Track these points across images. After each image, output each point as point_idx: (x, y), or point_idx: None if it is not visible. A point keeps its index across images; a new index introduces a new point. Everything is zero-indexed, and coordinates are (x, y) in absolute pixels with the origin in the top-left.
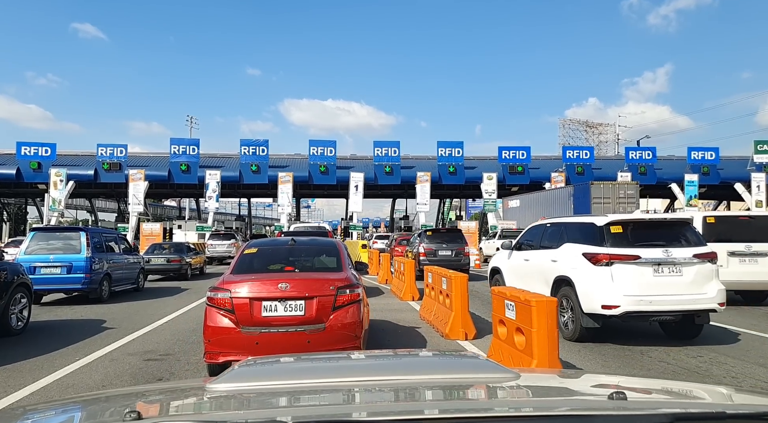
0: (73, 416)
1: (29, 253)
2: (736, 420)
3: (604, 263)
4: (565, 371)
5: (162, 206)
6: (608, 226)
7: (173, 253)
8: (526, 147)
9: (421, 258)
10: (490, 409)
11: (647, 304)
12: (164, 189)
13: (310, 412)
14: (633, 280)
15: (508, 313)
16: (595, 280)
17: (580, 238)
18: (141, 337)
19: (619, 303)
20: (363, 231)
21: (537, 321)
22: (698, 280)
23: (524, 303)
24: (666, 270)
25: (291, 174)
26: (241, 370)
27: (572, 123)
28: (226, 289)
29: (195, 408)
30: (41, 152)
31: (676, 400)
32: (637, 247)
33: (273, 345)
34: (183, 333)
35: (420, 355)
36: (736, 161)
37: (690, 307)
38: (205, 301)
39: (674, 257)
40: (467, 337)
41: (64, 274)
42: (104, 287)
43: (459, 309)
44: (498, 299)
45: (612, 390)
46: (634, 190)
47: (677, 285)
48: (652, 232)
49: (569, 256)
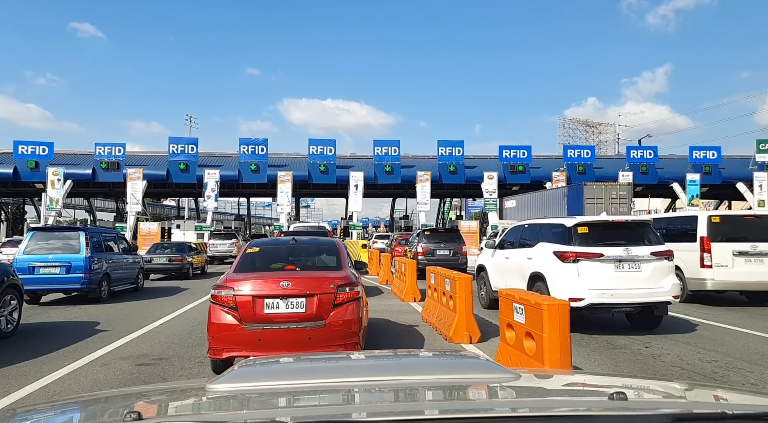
0: (72, 416)
1: (28, 253)
2: (737, 420)
3: (571, 260)
4: (564, 372)
5: (162, 206)
6: (576, 228)
7: (175, 253)
8: (527, 146)
9: (419, 258)
10: (490, 410)
11: (609, 297)
12: (163, 188)
13: (310, 413)
14: (596, 275)
15: (516, 317)
16: (564, 276)
17: (552, 238)
18: (135, 340)
19: (584, 296)
20: (363, 231)
21: (548, 325)
22: (655, 276)
23: (534, 306)
24: (626, 266)
25: (290, 173)
26: (242, 371)
27: (572, 123)
28: (230, 287)
29: (195, 408)
30: (39, 151)
31: (676, 400)
32: (601, 246)
33: (275, 341)
34: (178, 336)
35: (420, 355)
36: (738, 160)
37: (647, 300)
38: (204, 300)
39: (634, 255)
40: (472, 340)
41: (63, 274)
42: (103, 287)
43: (463, 311)
44: (506, 302)
45: (612, 390)
46: (627, 191)
47: (636, 280)
48: (615, 233)
49: (542, 254)
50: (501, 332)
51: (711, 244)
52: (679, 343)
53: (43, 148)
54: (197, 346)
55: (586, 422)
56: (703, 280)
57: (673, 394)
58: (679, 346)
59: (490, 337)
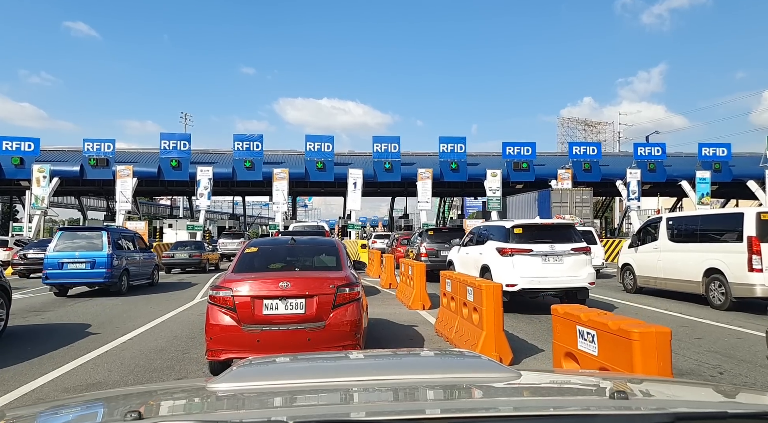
0: (72, 416)
1: (57, 251)
2: (738, 419)
3: (508, 255)
4: (565, 370)
5: (156, 205)
6: (513, 229)
7: (194, 250)
8: (531, 143)
9: (422, 258)
10: (491, 409)
11: (537, 283)
12: (154, 186)
13: (309, 412)
14: (527, 266)
15: (583, 346)
16: (503, 267)
17: (496, 237)
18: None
19: (517, 282)
20: (361, 230)
21: (642, 362)
22: (575, 267)
23: (617, 334)
24: (551, 259)
25: (286, 170)
26: (241, 370)
27: (570, 121)
28: (228, 287)
29: (195, 408)
30: (24, 147)
31: (677, 399)
32: (532, 244)
33: (274, 343)
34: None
35: (420, 354)
36: (748, 158)
37: (567, 285)
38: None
39: (557, 250)
40: (502, 362)
41: (89, 269)
42: (123, 281)
43: (492, 328)
44: (565, 323)
45: (613, 389)
46: (589, 196)
47: (559, 270)
48: (544, 233)
49: (489, 250)
50: (556, 363)
51: (761, 245)
52: None
53: (28, 144)
54: (184, 352)
55: (587, 421)
56: (751, 285)
57: (674, 393)
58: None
59: (522, 356)
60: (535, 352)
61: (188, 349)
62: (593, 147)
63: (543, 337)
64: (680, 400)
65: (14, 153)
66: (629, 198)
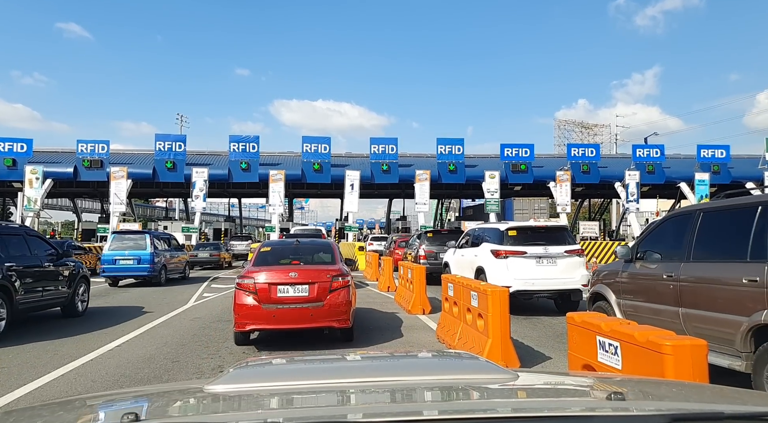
0: (69, 417)
1: (111, 250)
2: (735, 420)
3: (502, 257)
4: (563, 372)
5: (152, 207)
6: (507, 231)
7: (214, 250)
8: (529, 144)
9: (421, 261)
10: (489, 410)
11: (531, 285)
12: (149, 188)
13: (306, 414)
14: (521, 268)
15: (604, 358)
16: (497, 269)
17: (491, 239)
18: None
19: (512, 284)
20: (358, 232)
21: (675, 378)
22: (568, 269)
23: (645, 346)
24: (545, 262)
25: (283, 172)
26: (239, 372)
27: (567, 124)
28: (251, 276)
29: (192, 409)
30: (16, 148)
31: (674, 400)
32: (525, 246)
33: (285, 317)
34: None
35: (417, 355)
36: (746, 160)
37: (561, 287)
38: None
39: (550, 253)
40: None
41: (135, 265)
42: (162, 275)
43: (498, 335)
44: (582, 333)
45: (611, 390)
46: (546, 204)
47: (553, 272)
48: (538, 235)
49: (484, 252)
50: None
51: None
52: None
53: (21, 146)
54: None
55: (585, 422)
56: None
57: (672, 394)
58: None
59: (529, 364)
60: (542, 360)
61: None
62: (592, 149)
63: (549, 344)
64: (677, 400)
65: (7, 154)
66: (628, 200)
